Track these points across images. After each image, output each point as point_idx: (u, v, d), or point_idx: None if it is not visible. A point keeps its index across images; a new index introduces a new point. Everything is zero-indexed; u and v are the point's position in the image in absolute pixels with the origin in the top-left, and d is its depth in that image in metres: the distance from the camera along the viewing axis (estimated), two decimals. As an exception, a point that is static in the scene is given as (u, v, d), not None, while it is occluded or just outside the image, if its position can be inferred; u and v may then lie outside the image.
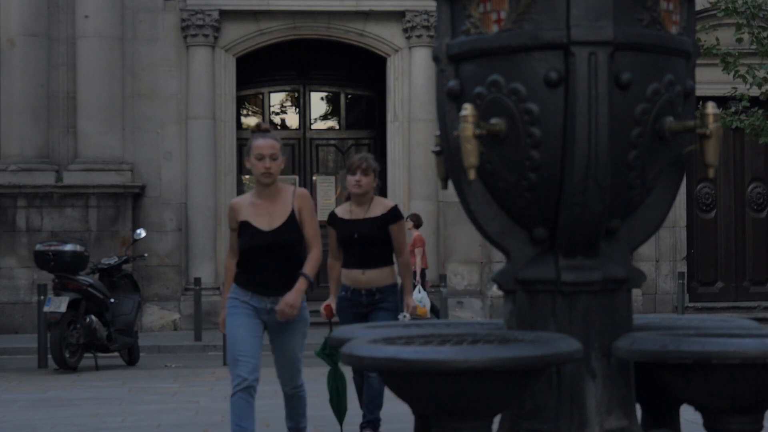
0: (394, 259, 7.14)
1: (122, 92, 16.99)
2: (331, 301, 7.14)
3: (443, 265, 17.40)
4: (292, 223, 5.99)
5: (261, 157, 5.97)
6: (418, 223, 15.95)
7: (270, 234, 5.96)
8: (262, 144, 6.01)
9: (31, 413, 8.41)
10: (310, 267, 5.99)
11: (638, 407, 4.02)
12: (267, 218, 6.00)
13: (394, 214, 7.08)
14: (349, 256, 7.10)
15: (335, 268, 7.19)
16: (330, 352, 6.67)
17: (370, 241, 6.98)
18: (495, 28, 3.72)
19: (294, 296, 5.89)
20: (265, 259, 5.97)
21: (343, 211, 7.19)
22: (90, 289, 12.05)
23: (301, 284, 5.93)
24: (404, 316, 6.97)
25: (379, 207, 7.12)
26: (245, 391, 5.78)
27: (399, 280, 7.27)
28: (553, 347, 3.41)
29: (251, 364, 5.84)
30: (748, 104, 14.15)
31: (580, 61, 3.57)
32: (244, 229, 6.02)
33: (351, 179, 7.08)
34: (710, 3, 14.60)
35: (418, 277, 15.34)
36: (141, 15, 17.25)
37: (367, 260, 7.02)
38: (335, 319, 7.09)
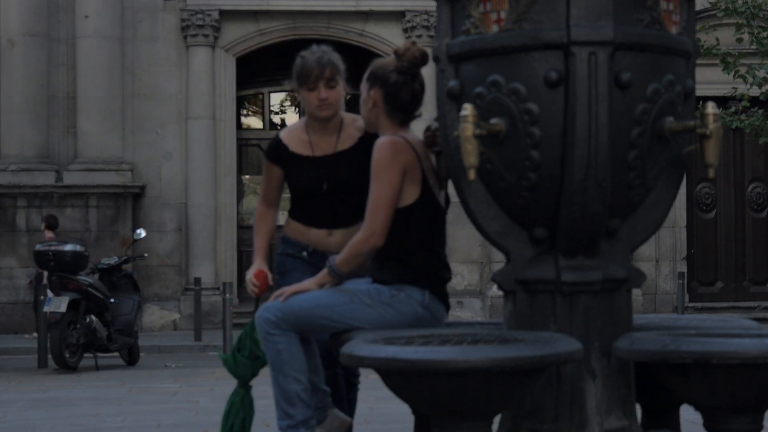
0: None
1: (122, 92, 17.00)
2: (262, 267, 4.79)
3: (443, 265, 17.40)
4: None
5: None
6: (52, 224, 15.52)
7: None
8: None
9: (31, 413, 8.41)
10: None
11: (638, 407, 4.02)
12: None
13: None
14: (307, 211, 4.77)
15: (267, 218, 4.91)
16: (251, 351, 4.60)
17: (348, 190, 4.59)
18: (495, 28, 3.72)
19: None
20: None
21: (298, 142, 4.74)
22: (90, 289, 12.05)
23: None
24: None
25: (351, 130, 4.72)
26: None
27: None
28: (553, 347, 3.41)
29: None
30: (748, 104, 14.16)
31: (580, 61, 3.57)
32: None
33: (310, 97, 4.66)
34: (710, 3, 14.60)
35: (45, 281, 15.16)
36: (141, 15, 17.26)
37: (337, 217, 4.70)
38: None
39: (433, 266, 4.30)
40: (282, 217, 5.13)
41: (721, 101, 14.55)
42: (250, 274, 4.78)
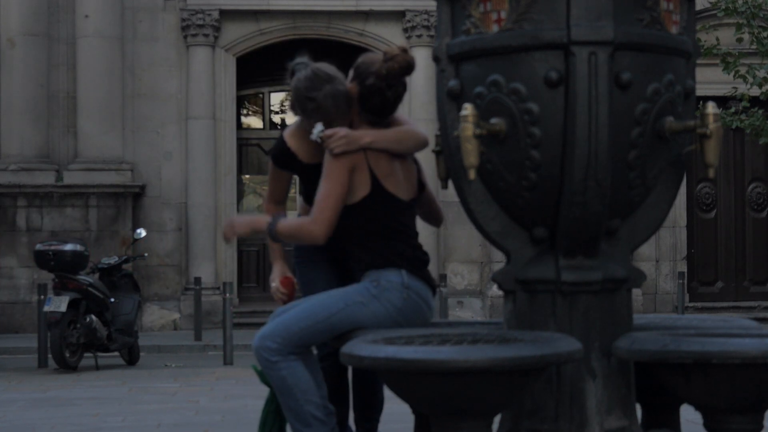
0: None
1: (122, 92, 16.99)
2: (285, 272, 4.86)
3: (443, 265, 17.40)
4: None
5: None
6: None
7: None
8: None
9: (31, 413, 8.41)
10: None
11: (638, 407, 4.02)
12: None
13: None
14: None
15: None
16: None
17: None
18: (495, 28, 3.72)
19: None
20: None
21: (308, 151, 4.64)
22: (90, 288, 12.04)
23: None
24: None
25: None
26: None
27: None
28: (553, 347, 3.41)
29: None
30: (748, 104, 14.15)
31: (581, 61, 3.57)
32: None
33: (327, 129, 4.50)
34: (710, 3, 14.59)
35: None
36: (141, 15, 17.26)
37: None
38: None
39: (400, 249, 4.35)
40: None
41: (721, 101, 14.54)
42: (275, 282, 4.80)
